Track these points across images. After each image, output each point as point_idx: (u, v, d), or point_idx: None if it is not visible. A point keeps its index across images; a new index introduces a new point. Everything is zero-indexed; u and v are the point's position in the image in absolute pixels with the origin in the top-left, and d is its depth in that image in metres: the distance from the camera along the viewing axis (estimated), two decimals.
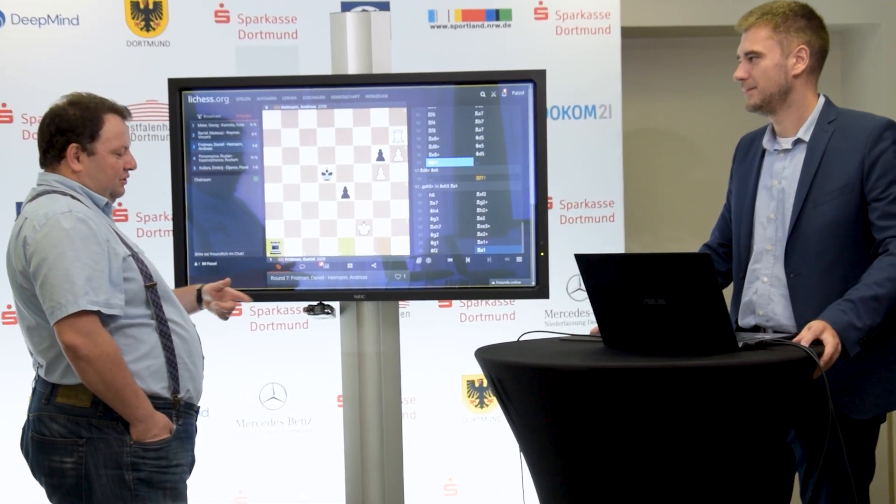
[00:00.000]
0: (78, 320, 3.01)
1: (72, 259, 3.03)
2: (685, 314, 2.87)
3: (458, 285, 3.87)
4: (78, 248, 3.05)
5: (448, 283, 3.87)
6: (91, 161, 3.22)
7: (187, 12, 4.68)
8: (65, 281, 3.02)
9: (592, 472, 2.87)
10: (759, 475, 2.91)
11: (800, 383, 2.89)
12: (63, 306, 3.01)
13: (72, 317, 3.01)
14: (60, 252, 3.04)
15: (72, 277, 3.02)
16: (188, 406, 3.27)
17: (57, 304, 3.02)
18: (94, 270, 3.05)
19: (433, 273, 3.87)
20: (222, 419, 4.75)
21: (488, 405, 4.90)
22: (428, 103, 3.85)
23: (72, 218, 3.08)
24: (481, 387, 4.89)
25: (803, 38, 3.34)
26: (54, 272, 3.03)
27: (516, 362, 2.91)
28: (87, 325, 3.02)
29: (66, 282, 3.02)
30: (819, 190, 3.26)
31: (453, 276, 3.86)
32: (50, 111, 3.25)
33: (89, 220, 3.11)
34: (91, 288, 3.03)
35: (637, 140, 5.40)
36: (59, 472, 3.12)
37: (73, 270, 3.02)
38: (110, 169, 3.24)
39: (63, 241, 3.05)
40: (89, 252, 3.06)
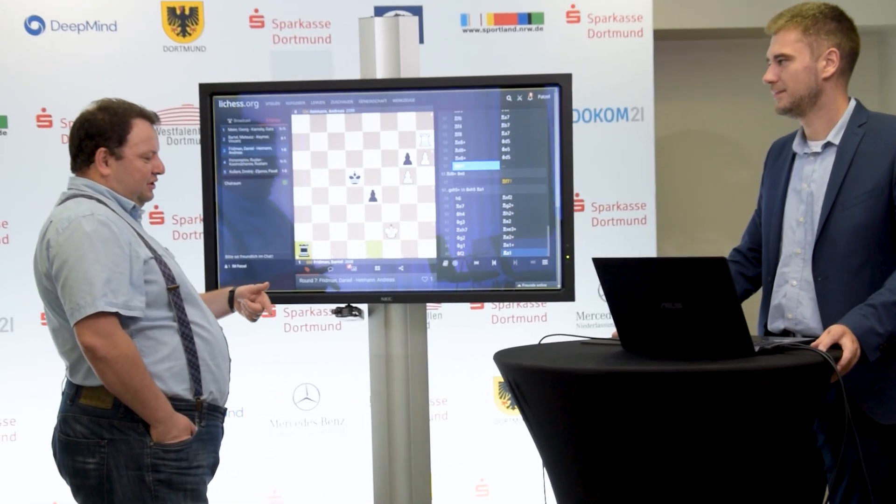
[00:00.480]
0: (97, 322, 3.02)
1: (92, 261, 3.04)
2: (702, 318, 2.82)
3: (484, 288, 3.86)
4: (98, 250, 3.06)
5: (476, 285, 3.85)
6: (119, 165, 3.23)
7: (223, 18, 4.71)
8: (84, 283, 3.03)
9: (609, 475, 2.83)
10: (782, 481, 2.87)
11: (817, 388, 2.84)
12: (82, 308, 3.02)
13: (90, 318, 3.02)
14: (81, 254, 3.05)
15: (91, 279, 3.03)
16: (212, 408, 3.26)
17: (76, 305, 3.03)
18: (113, 272, 3.06)
19: (461, 275, 3.85)
20: (256, 419, 4.77)
21: None
22: (454, 107, 3.83)
23: (93, 221, 3.09)
24: None
25: (833, 41, 3.27)
26: (74, 274, 3.04)
27: (532, 366, 2.88)
28: (105, 327, 3.03)
29: (85, 283, 3.03)
30: (848, 193, 3.20)
31: (483, 280, 3.84)
32: (80, 116, 3.27)
33: (111, 223, 3.12)
34: (110, 290, 3.04)
35: (671, 142, 5.36)
36: (82, 472, 3.13)
37: (93, 272, 3.03)
38: (138, 173, 3.25)
39: (84, 244, 3.06)
40: (110, 254, 3.07)
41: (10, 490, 4.63)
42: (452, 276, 3.85)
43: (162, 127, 4.60)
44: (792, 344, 2.93)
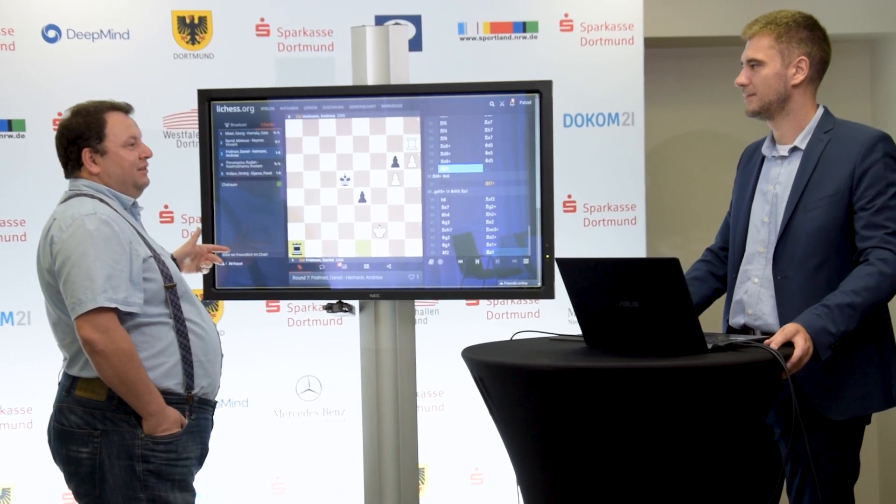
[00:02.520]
0: (96, 317, 3.08)
1: (93, 258, 3.09)
2: (657, 316, 2.84)
3: (468, 286, 3.88)
4: (100, 248, 3.11)
5: (460, 283, 3.88)
6: (106, 160, 3.28)
7: (230, 26, 4.73)
8: (85, 279, 3.08)
9: (570, 468, 2.85)
10: (738, 473, 2.88)
11: (768, 384, 2.85)
12: (83, 303, 3.07)
13: (90, 313, 3.07)
14: (83, 252, 3.10)
15: (92, 276, 3.08)
16: (203, 402, 3.31)
17: (77, 300, 3.08)
18: (114, 270, 3.11)
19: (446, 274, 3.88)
20: (261, 410, 4.80)
21: None
22: (440, 112, 3.85)
23: (96, 220, 3.14)
24: None
25: (804, 49, 3.29)
26: (76, 270, 3.10)
27: (494, 361, 2.91)
28: (104, 322, 3.08)
29: (86, 279, 3.08)
30: (810, 196, 3.21)
31: (463, 277, 3.87)
32: (59, 126, 3.33)
33: (113, 222, 3.17)
34: (110, 286, 3.09)
35: (664, 147, 5.35)
36: (75, 460, 3.19)
37: (94, 269, 3.09)
38: (125, 162, 3.30)
39: (86, 241, 3.11)
40: (110, 252, 3.12)
41: (28, 474, 4.69)
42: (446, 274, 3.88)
43: (171, 131, 4.71)
44: (745, 341, 2.94)
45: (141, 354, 3.15)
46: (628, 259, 2.93)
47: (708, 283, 3.50)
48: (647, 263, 2.89)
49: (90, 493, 3.20)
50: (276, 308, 4.79)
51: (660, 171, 5.30)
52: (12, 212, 4.65)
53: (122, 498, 3.16)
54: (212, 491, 4.74)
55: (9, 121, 4.64)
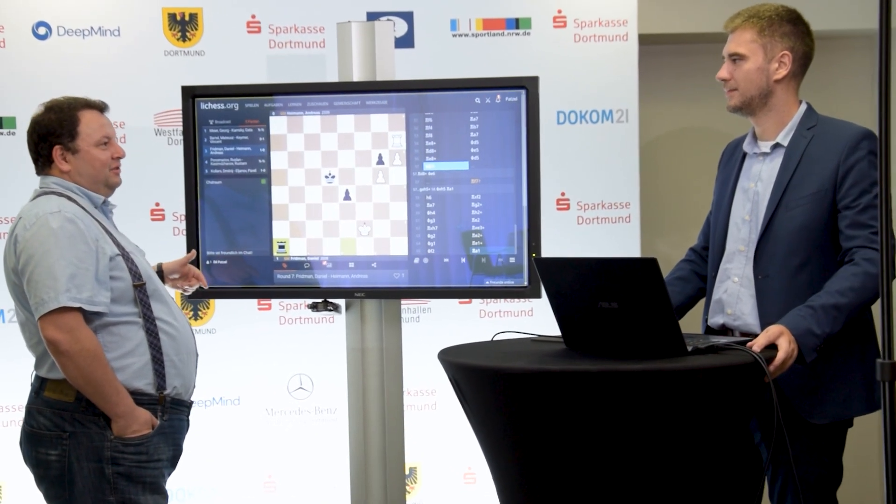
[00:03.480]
0: (60, 316, 2.95)
1: (56, 257, 2.97)
2: (636, 317, 2.69)
3: (452, 285, 3.74)
4: (63, 246, 2.98)
5: (443, 281, 3.74)
6: (77, 158, 3.16)
7: (221, 23, 4.61)
8: (48, 278, 2.95)
9: (546, 473, 2.71)
10: (719, 478, 2.73)
11: (750, 388, 2.69)
12: (45, 302, 2.95)
13: (54, 313, 2.95)
14: (46, 250, 2.98)
15: (55, 274, 2.95)
16: (176, 402, 3.17)
17: (40, 300, 2.96)
18: (78, 268, 2.98)
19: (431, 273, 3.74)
20: (252, 408, 4.68)
21: None
22: (425, 109, 3.71)
23: (60, 218, 3.01)
24: None
25: (787, 44, 3.14)
26: (39, 269, 2.97)
27: (468, 363, 2.76)
28: (68, 321, 2.95)
29: (49, 278, 2.95)
30: (792, 194, 3.06)
31: (449, 276, 3.73)
32: (31, 121, 3.20)
33: (78, 220, 3.04)
34: (74, 285, 2.96)
35: (659, 143, 5.20)
36: (44, 463, 3.07)
37: (57, 268, 2.96)
38: (97, 161, 3.17)
39: (49, 240, 2.98)
40: (75, 250, 2.99)
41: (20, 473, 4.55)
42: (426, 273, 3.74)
43: (162, 128, 4.58)
44: (727, 344, 2.78)
45: (109, 355, 3.02)
46: (607, 259, 2.77)
47: (692, 283, 3.35)
48: (626, 263, 2.73)
49: (60, 496, 3.08)
50: (267, 306, 4.66)
51: (654, 168, 5.15)
52: (4, 209, 4.53)
53: (92, 501, 3.04)
54: (203, 489, 4.63)
55: (0, 118, 4.53)
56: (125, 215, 3.57)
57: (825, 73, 4.53)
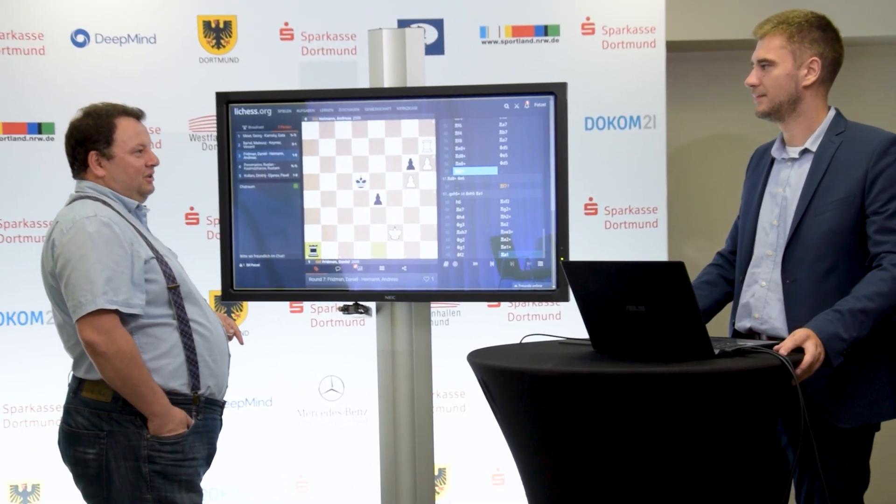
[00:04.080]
0: (97, 318, 2.96)
1: (93, 260, 2.98)
2: (663, 320, 2.67)
3: (481, 288, 3.73)
4: (100, 250, 3.00)
5: (472, 284, 3.72)
6: (112, 165, 3.17)
7: (255, 31, 4.62)
8: (85, 281, 2.97)
9: (573, 474, 2.70)
10: (745, 480, 2.70)
11: (777, 390, 2.67)
12: (83, 305, 2.96)
13: (91, 315, 2.96)
14: (83, 254, 2.99)
15: (92, 278, 2.97)
16: (210, 402, 3.18)
17: (78, 302, 2.97)
18: (114, 271, 2.99)
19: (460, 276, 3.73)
20: (285, 409, 4.69)
21: None
22: (455, 115, 3.70)
23: (96, 222, 3.03)
24: None
25: (816, 50, 3.11)
26: (77, 273, 2.98)
27: (497, 365, 2.76)
28: (105, 323, 2.96)
29: (86, 282, 2.97)
30: (821, 199, 3.03)
31: (478, 279, 3.71)
32: (69, 125, 3.22)
33: (114, 223, 3.05)
34: (110, 288, 2.97)
35: (687, 149, 5.17)
36: (82, 461, 3.08)
37: (94, 271, 2.97)
38: (131, 168, 3.19)
39: (86, 244, 3.00)
40: (111, 254, 3.00)
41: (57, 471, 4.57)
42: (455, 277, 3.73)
43: (197, 133, 4.60)
44: (753, 347, 2.75)
45: (145, 356, 3.03)
46: (635, 262, 2.76)
47: (719, 287, 3.32)
48: (654, 267, 2.72)
49: (98, 494, 3.09)
50: (299, 309, 4.67)
51: (682, 173, 5.12)
52: (42, 213, 4.54)
53: (129, 498, 3.05)
54: (236, 489, 4.64)
55: (38, 124, 4.56)
56: (160, 219, 3.58)
57: (854, 79, 4.49)
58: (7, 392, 4.57)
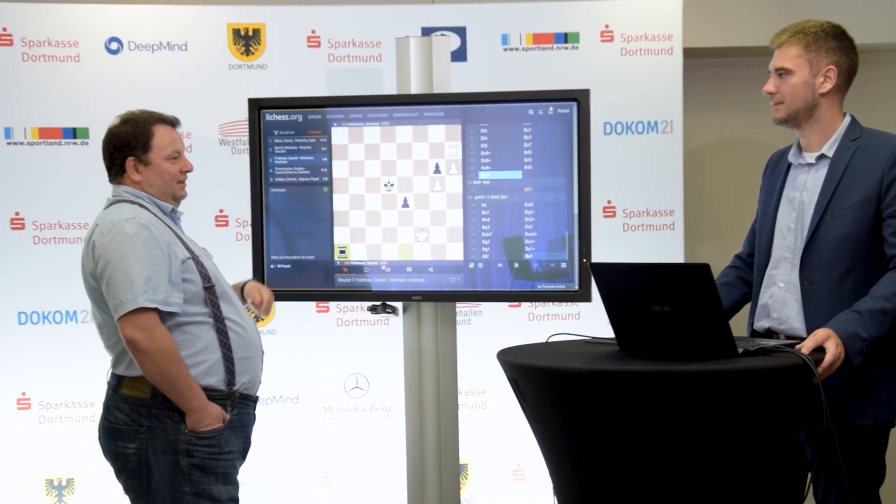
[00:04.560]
0: (137, 317, 3.00)
1: (133, 261, 3.02)
2: (688, 320, 2.71)
3: (506, 288, 3.77)
4: (139, 251, 3.04)
5: (497, 286, 3.77)
6: (148, 170, 3.21)
7: (283, 38, 4.66)
8: (126, 281, 3.01)
9: (601, 469, 2.73)
10: (766, 475, 2.73)
11: (798, 389, 2.70)
12: (124, 304, 3.00)
13: (132, 313, 3.00)
14: (123, 255, 3.03)
15: (132, 277, 3.01)
16: (244, 397, 3.22)
17: (119, 301, 3.01)
18: (153, 271, 3.04)
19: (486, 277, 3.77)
20: (311, 406, 4.73)
21: None
22: (481, 120, 3.75)
23: (135, 224, 3.07)
24: None
25: (832, 59, 3.14)
26: (117, 273, 3.03)
27: (527, 363, 2.79)
28: (145, 321, 3.01)
29: (127, 281, 3.01)
30: (838, 203, 3.06)
31: (503, 280, 3.76)
32: (107, 131, 3.26)
33: (151, 225, 3.10)
34: (150, 287, 3.02)
35: (702, 153, 5.20)
36: (123, 456, 3.12)
37: (134, 271, 3.01)
38: (167, 174, 3.23)
39: (126, 245, 3.04)
40: (149, 255, 3.05)
41: (91, 466, 4.64)
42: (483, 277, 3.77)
43: (226, 138, 4.64)
44: (776, 346, 2.79)
45: (183, 353, 3.08)
46: (660, 264, 2.80)
47: (738, 289, 3.35)
48: (679, 268, 2.76)
49: (138, 488, 3.13)
50: (325, 309, 4.71)
51: (698, 177, 5.14)
52: (77, 215, 4.61)
53: (168, 491, 3.09)
54: (264, 484, 4.68)
55: (73, 129, 4.61)
56: (191, 221, 3.62)
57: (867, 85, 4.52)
58: (42, 389, 4.62)
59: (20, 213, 4.59)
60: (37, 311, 4.61)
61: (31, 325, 4.61)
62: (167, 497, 3.10)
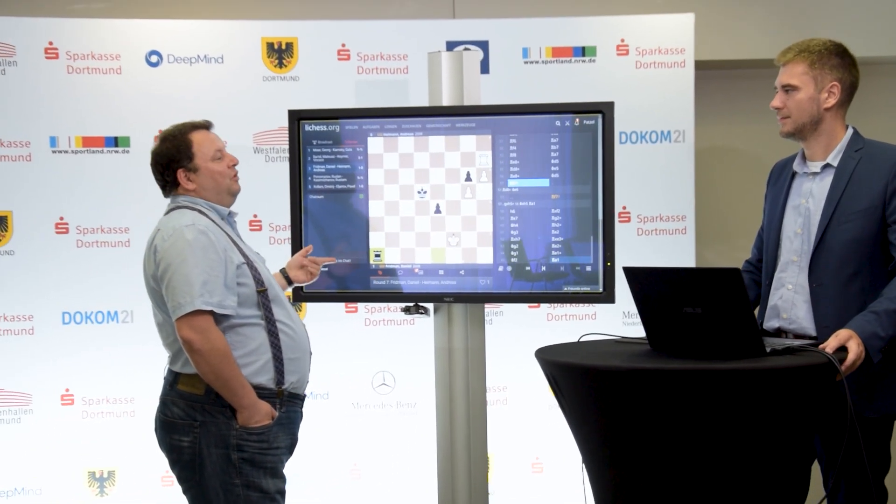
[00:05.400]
0: (194, 318, 3.07)
1: (191, 265, 3.08)
2: (719, 322, 2.78)
3: (535, 290, 3.84)
4: (198, 256, 3.10)
5: (528, 288, 3.84)
6: (199, 176, 3.27)
7: (314, 51, 4.73)
8: (184, 284, 3.07)
9: (634, 461, 2.80)
10: (783, 467, 2.81)
11: (823, 386, 2.78)
12: (182, 306, 3.07)
13: (189, 315, 3.06)
14: (182, 259, 3.09)
15: (190, 281, 3.07)
16: (292, 395, 3.28)
17: (177, 303, 3.08)
18: (210, 275, 3.10)
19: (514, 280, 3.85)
20: (340, 402, 4.79)
21: None
22: (510, 131, 3.82)
23: (194, 230, 3.13)
24: None
25: (836, 75, 3.22)
26: (177, 276, 3.09)
27: (567, 362, 2.86)
28: (201, 323, 3.07)
29: (185, 285, 3.07)
30: (844, 210, 3.14)
31: (536, 282, 3.83)
32: (151, 154, 3.32)
33: (209, 232, 3.16)
34: (206, 290, 3.08)
35: (712, 160, 5.27)
36: (177, 448, 3.18)
37: (192, 275, 3.08)
38: (217, 174, 3.29)
39: (185, 250, 3.10)
40: (207, 259, 3.11)
41: (131, 459, 4.71)
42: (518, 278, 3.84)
43: (260, 147, 4.71)
44: (801, 346, 2.87)
45: (235, 353, 3.14)
46: (692, 268, 2.89)
47: (751, 291, 3.43)
48: (711, 273, 2.82)
49: (191, 479, 3.19)
50: (354, 309, 4.78)
51: (707, 183, 5.22)
52: (118, 220, 4.68)
53: (220, 483, 3.15)
54: (295, 475, 4.69)
55: (115, 137, 4.67)
56: None
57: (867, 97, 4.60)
58: (85, 385, 4.68)
59: (64, 218, 4.65)
60: (80, 312, 4.67)
61: (75, 325, 4.67)
62: (218, 489, 3.16)
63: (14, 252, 4.63)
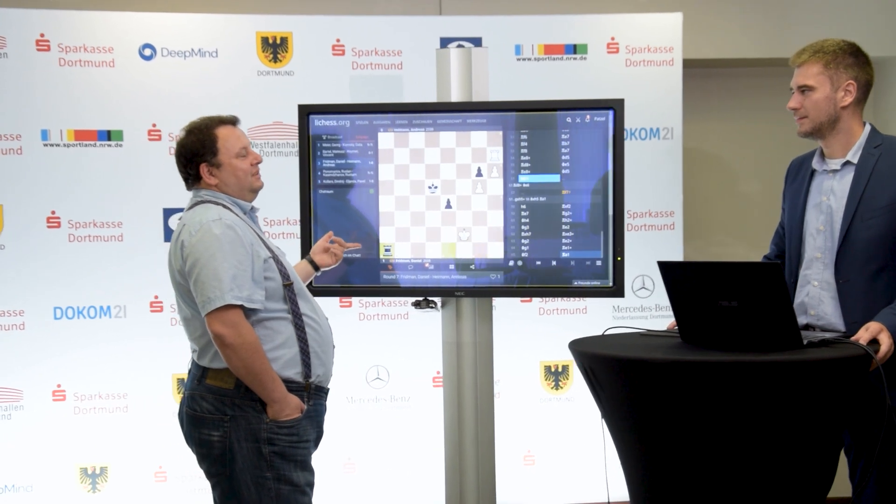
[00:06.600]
0: (224, 313, 3.01)
1: (220, 260, 3.03)
2: (756, 315, 2.80)
3: (544, 284, 3.84)
4: (226, 250, 3.04)
5: (535, 282, 3.84)
6: (222, 171, 3.22)
7: (309, 46, 4.68)
8: (214, 279, 3.01)
9: (669, 451, 2.81)
10: (814, 457, 2.85)
11: (858, 377, 2.82)
12: (212, 301, 3.01)
13: (219, 310, 3.01)
14: (211, 254, 3.03)
15: (220, 276, 3.01)
16: (318, 389, 3.24)
17: (207, 298, 3.02)
18: (238, 270, 3.04)
19: (524, 274, 3.84)
20: (334, 396, 4.59)
21: (563, 387, 4.86)
22: (521, 127, 3.81)
23: (221, 225, 3.07)
24: (556, 371, 4.85)
25: (851, 74, 3.25)
26: (205, 271, 3.03)
27: (607, 354, 2.86)
28: (232, 317, 3.02)
29: (214, 279, 3.01)
30: (866, 206, 3.17)
31: (546, 277, 3.82)
32: (176, 146, 3.26)
33: (236, 226, 3.10)
34: (236, 285, 3.02)
35: (696, 157, 5.32)
36: (207, 443, 3.12)
37: (221, 270, 3.02)
38: (240, 171, 3.24)
39: (213, 245, 3.04)
40: (235, 254, 3.05)
41: (123, 455, 4.62)
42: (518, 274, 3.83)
43: (255, 141, 4.63)
44: (835, 338, 2.90)
45: (264, 346, 3.09)
46: (730, 263, 2.89)
47: None
48: (750, 268, 2.84)
49: (221, 473, 3.13)
50: (348, 304, 4.74)
51: (694, 179, 5.26)
52: (110, 214, 4.58)
53: (251, 477, 3.10)
54: None
55: (108, 131, 4.57)
56: None
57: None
58: (77, 381, 4.59)
59: (56, 212, 4.54)
60: (71, 307, 4.57)
61: (66, 320, 4.56)
62: (250, 483, 3.11)
63: (5, 246, 4.52)
